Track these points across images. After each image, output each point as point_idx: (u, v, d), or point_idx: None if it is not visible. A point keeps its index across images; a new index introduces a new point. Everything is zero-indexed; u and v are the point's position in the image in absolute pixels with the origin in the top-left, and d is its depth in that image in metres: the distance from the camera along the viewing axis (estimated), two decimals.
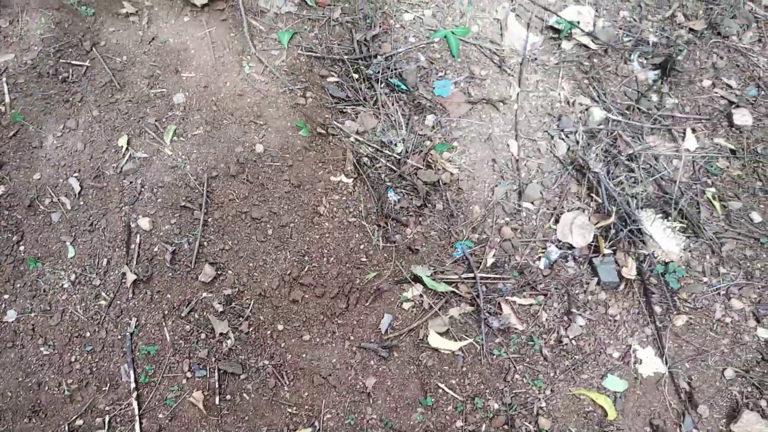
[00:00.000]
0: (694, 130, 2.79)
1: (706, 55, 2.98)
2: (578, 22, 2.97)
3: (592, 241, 2.53)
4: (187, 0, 2.86)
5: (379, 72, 2.81)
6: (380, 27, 2.93)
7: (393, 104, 2.79)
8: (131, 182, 2.52)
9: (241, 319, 2.38)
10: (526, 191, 2.65)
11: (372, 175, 2.64)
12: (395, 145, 2.71)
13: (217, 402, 2.29)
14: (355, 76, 2.84)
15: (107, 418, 2.27)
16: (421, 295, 2.45)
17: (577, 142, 2.75)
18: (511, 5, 3.05)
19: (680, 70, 2.91)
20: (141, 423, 2.25)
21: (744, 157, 2.74)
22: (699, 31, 3.02)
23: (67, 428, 2.26)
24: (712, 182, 2.69)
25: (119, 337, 2.36)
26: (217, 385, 2.30)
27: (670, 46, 2.97)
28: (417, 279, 2.46)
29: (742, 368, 2.38)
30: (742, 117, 2.78)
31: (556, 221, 2.60)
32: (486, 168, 2.71)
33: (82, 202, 2.52)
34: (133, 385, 2.29)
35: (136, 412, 2.26)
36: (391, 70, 2.82)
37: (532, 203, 2.65)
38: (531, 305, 2.45)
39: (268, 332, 2.37)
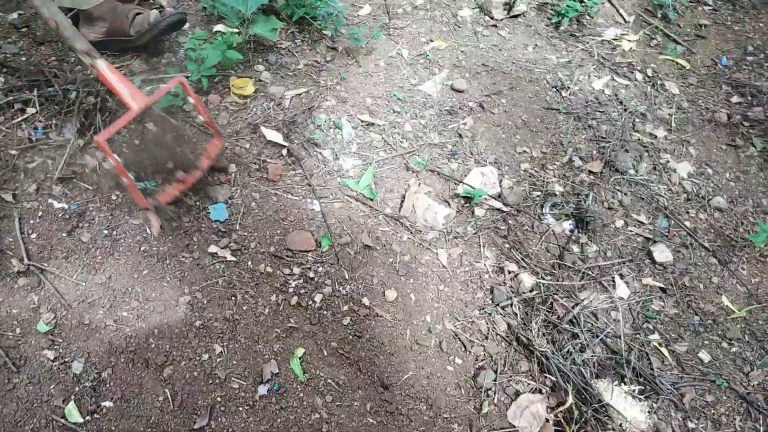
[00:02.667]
0: (621, 276, 2.81)
1: (611, 195, 3.07)
2: (484, 183, 3.00)
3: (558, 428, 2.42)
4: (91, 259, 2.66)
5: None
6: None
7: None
8: None
9: None
10: (478, 380, 2.53)
11: None
12: None
13: None
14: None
15: None
16: None
17: (516, 314, 2.69)
18: (417, 180, 3.05)
19: (592, 215, 2.97)
20: None
21: (675, 294, 2.77)
22: (598, 172, 3.13)
23: None
24: (653, 327, 2.68)
25: None
26: None
27: (576, 194, 3.04)
28: None
29: None
30: (662, 253, 2.84)
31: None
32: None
33: None
34: None
35: None
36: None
37: (487, 392, 2.53)
38: None
39: None
